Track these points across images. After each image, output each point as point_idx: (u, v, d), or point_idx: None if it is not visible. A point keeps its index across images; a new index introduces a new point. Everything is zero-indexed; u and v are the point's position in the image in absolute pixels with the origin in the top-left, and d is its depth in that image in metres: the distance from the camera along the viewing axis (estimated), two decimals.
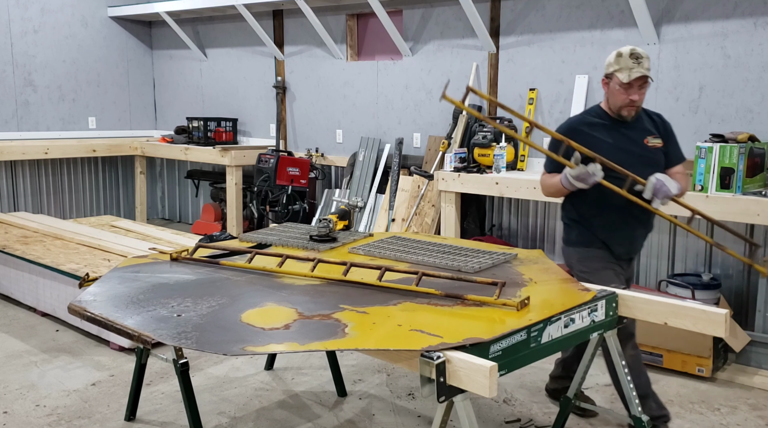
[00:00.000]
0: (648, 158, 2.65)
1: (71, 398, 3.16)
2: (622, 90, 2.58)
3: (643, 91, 2.59)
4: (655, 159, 2.67)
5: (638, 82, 2.57)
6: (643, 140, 2.66)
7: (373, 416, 3.01)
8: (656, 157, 2.68)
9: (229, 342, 1.80)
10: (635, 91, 2.57)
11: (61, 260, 3.97)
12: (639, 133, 2.68)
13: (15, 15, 6.29)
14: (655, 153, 2.68)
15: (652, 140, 2.67)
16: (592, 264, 2.71)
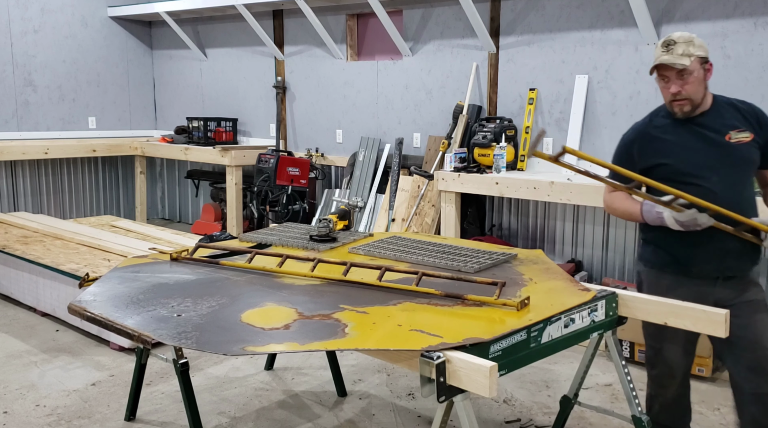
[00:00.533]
0: (734, 157, 2.22)
1: (71, 398, 3.16)
2: (662, 83, 2.24)
3: (685, 81, 2.19)
4: (744, 157, 2.23)
5: (671, 72, 2.20)
6: (725, 136, 2.22)
7: (373, 416, 3.01)
8: (745, 154, 2.24)
9: (229, 342, 1.80)
10: (673, 82, 2.20)
11: (61, 260, 3.97)
12: (718, 128, 2.24)
13: (15, 15, 6.29)
14: (743, 149, 2.23)
15: (736, 135, 2.22)
16: (659, 291, 2.31)
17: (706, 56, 2.23)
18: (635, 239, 4.31)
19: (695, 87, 2.20)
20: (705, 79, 2.24)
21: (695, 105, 2.23)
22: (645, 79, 4.12)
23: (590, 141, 4.40)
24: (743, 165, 2.24)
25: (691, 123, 2.27)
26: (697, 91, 2.21)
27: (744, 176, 2.26)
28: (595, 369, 3.28)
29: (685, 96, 2.21)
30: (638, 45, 4.13)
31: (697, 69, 2.20)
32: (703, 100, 2.25)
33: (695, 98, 2.22)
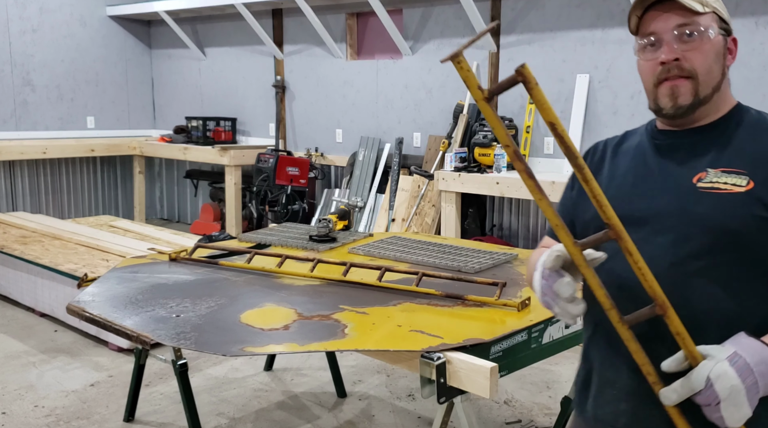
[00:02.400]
0: (697, 219, 1.14)
1: (70, 399, 3.14)
2: (646, 54, 1.21)
3: (690, 46, 1.16)
4: (720, 222, 1.12)
5: (667, 24, 1.16)
6: (693, 177, 1.17)
7: (372, 417, 3.00)
8: (722, 217, 1.12)
9: (228, 343, 1.79)
10: (667, 44, 1.17)
11: (59, 260, 3.96)
12: (704, 161, 1.18)
13: (13, 14, 6.28)
14: (717, 207, 1.13)
15: (715, 177, 1.15)
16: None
17: (728, 22, 1.21)
18: None
19: (707, 60, 1.16)
20: (724, 59, 1.20)
21: (699, 97, 1.17)
22: None
23: (591, 140, 4.38)
24: (718, 237, 1.12)
25: (670, 149, 1.23)
26: (710, 70, 1.16)
27: (719, 262, 1.12)
28: None
29: (686, 69, 1.16)
30: None
31: (715, 31, 1.17)
32: (713, 97, 1.18)
33: (703, 80, 1.16)
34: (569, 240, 1.02)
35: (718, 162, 1.17)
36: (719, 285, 1.12)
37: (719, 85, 1.19)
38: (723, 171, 1.15)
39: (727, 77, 1.22)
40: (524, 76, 0.90)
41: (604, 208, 1.00)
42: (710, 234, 1.12)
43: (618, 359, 1.21)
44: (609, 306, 1.04)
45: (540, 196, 1.00)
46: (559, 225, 1.01)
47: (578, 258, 1.03)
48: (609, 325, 1.09)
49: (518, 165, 0.99)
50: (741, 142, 1.18)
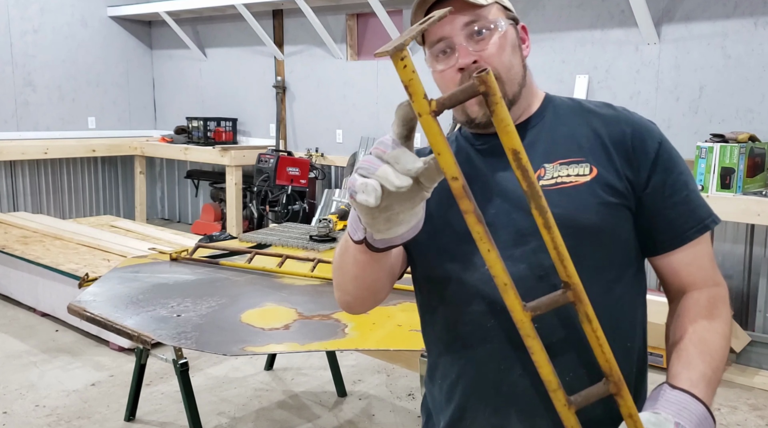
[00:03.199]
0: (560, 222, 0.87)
1: (71, 398, 3.15)
2: (439, 63, 1.06)
3: (485, 43, 1.03)
4: (570, 218, 0.99)
5: (455, 23, 1.02)
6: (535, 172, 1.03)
7: (372, 416, 3.00)
8: (573, 212, 1.00)
9: (228, 343, 1.79)
10: (460, 46, 1.02)
11: (60, 260, 3.97)
12: (537, 153, 1.07)
13: (14, 15, 6.29)
14: (567, 204, 1.01)
15: (557, 169, 1.04)
16: None
17: (512, 10, 1.11)
18: None
19: (505, 57, 1.05)
20: (521, 49, 1.11)
21: (509, 98, 1.06)
22: (645, 78, 4.12)
23: None
24: (578, 237, 0.98)
25: (492, 147, 1.09)
26: (510, 66, 1.06)
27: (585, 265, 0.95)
28: None
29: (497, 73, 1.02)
30: (638, 45, 4.13)
31: (505, 22, 1.05)
32: (522, 93, 1.08)
33: (507, 79, 1.05)
34: (519, 305, 0.80)
35: (553, 155, 1.05)
36: (597, 294, 0.96)
37: (524, 78, 1.08)
38: (561, 163, 1.04)
39: (528, 69, 1.11)
40: (488, 86, 0.71)
41: (565, 263, 0.80)
42: (569, 235, 0.88)
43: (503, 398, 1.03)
44: (555, 387, 0.82)
45: (489, 245, 0.77)
46: (508, 284, 0.79)
47: (527, 327, 0.81)
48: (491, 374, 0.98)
49: (466, 203, 0.75)
50: (568, 129, 1.07)
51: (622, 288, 1.04)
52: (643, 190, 1.03)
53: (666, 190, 1.03)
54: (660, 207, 1.03)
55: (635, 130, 1.04)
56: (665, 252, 1.05)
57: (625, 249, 1.04)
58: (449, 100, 0.73)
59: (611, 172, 1.02)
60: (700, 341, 0.99)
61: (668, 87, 4.03)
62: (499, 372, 1.03)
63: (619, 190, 1.01)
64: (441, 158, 0.74)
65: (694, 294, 1.04)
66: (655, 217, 1.03)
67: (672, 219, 1.03)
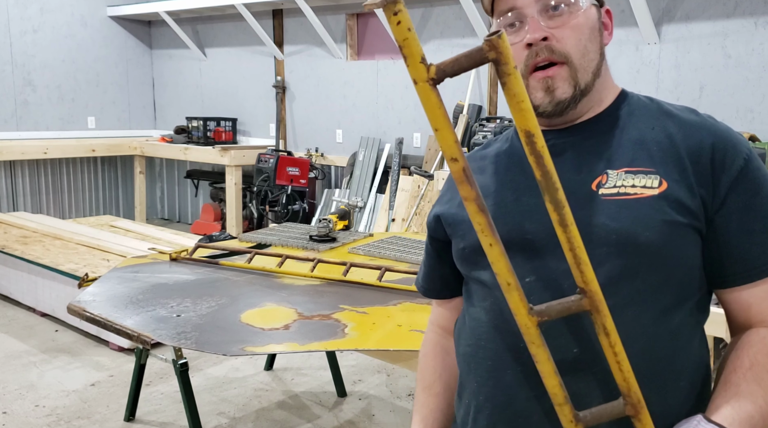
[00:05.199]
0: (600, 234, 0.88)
1: (70, 398, 3.15)
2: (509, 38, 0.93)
3: (559, 21, 0.92)
4: (629, 235, 0.87)
5: None
6: (592, 181, 0.92)
7: (372, 416, 3.00)
8: (633, 228, 0.87)
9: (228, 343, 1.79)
10: (531, 21, 0.92)
11: (60, 260, 3.96)
12: (595, 160, 0.94)
13: (14, 14, 6.29)
14: (627, 218, 0.88)
15: (620, 178, 0.91)
16: None
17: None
18: None
19: (581, 39, 0.93)
20: (601, 35, 0.97)
21: (580, 87, 0.93)
22: (646, 78, 4.11)
23: None
24: (634, 255, 0.88)
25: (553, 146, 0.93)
26: (586, 51, 0.93)
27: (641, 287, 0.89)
28: None
29: (558, 51, 0.92)
30: (639, 44, 4.12)
31: (587, 1, 0.94)
32: (595, 85, 0.95)
33: (580, 65, 0.93)
34: (523, 309, 0.72)
35: (619, 161, 0.92)
36: (644, 318, 0.87)
37: (599, 68, 0.95)
38: (627, 171, 0.91)
39: (605, 59, 0.98)
40: (501, 52, 0.60)
41: (582, 267, 0.71)
42: (624, 252, 0.86)
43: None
44: (562, 401, 0.76)
45: (492, 239, 0.69)
46: (512, 284, 0.71)
47: (532, 333, 0.73)
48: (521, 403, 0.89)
49: (467, 190, 0.66)
50: (640, 134, 0.94)
51: (681, 318, 0.90)
52: (717, 212, 0.89)
53: (745, 215, 0.88)
54: (734, 233, 0.89)
55: (718, 141, 0.90)
56: (735, 286, 0.91)
57: (689, 276, 0.90)
58: (451, 65, 0.63)
59: (683, 188, 0.88)
60: (755, 380, 0.85)
61: (668, 87, 4.03)
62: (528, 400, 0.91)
63: (690, 209, 0.88)
64: (439, 134, 0.64)
65: (762, 332, 0.90)
66: (728, 245, 0.89)
67: (747, 249, 0.89)
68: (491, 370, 0.94)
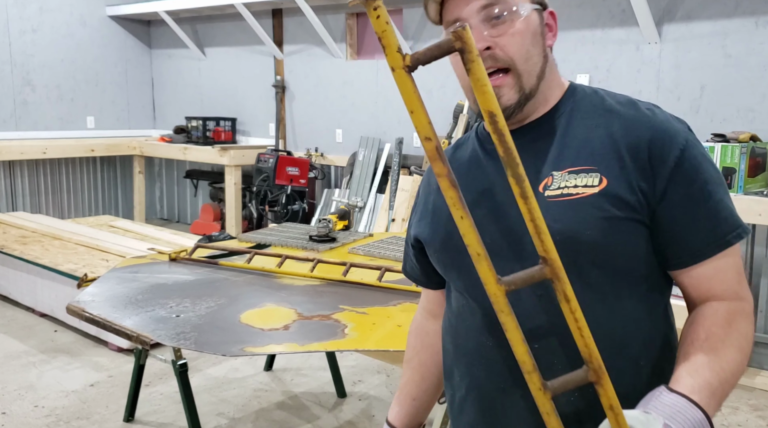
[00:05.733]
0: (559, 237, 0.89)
1: (70, 399, 3.14)
2: None
3: (501, 29, 0.97)
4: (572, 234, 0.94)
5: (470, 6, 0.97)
6: (540, 183, 0.98)
7: (372, 417, 3.00)
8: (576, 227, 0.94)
9: (228, 343, 1.78)
10: (475, 30, 0.96)
11: (59, 260, 3.96)
12: (537, 166, 1.00)
13: (13, 14, 6.28)
14: (569, 219, 0.94)
15: (564, 179, 0.97)
16: None
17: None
18: None
19: (523, 45, 0.97)
20: (544, 38, 1.01)
21: (525, 91, 0.98)
22: (646, 78, 4.11)
23: None
24: (578, 254, 0.94)
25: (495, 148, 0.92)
26: (528, 56, 0.97)
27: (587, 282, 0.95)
28: None
29: (501, 59, 0.97)
30: (639, 44, 4.12)
31: (527, 8, 0.98)
32: (540, 87, 1.00)
33: (524, 70, 0.97)
34: (492, 278, 0.77)
35: (563, 161, 0.97)
36: (599, 313, 0.94)
37: (542, 71, 0.99)
38: (570, 171, 0.96)
39: (550, 59, 1.02)
40: (464, 42, 0.67)
41: (542, 237, 0.77)
42: (571, 252, 0.92)
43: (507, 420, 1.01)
44: (531, 369, 0.80)
45: (463, 212, 0.75)
46: (482, 255, 0.76)
47: (500, 302, 0.78)
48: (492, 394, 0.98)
49: (439, 166, 0.73)
50: (583, 132, 0.98)
51: (632, 304, 0.97)
52: (659, 203, 0.94)
53: (685, 203, 0.94)
54: (677, 221, 0.94)
55: (654, 136, 0.95)
56: (682, 269, 0.97)
57: (635, 265, 0.96)
58: (424, 54, 0.71)
59: (623, 183, 0.93)
60: (711, 350, 0.91)
61: (669, 86, 4.03)
62: (502, 393, 1.01)
63: (630, 204, 0.93)
64: (414, 116, 0.72)
65: (714, 305, 0.96)
66: (673, 232, 0.95)
67: (689, 235, 0.94)
68: (468, 366, 1.05)
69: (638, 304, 0.98)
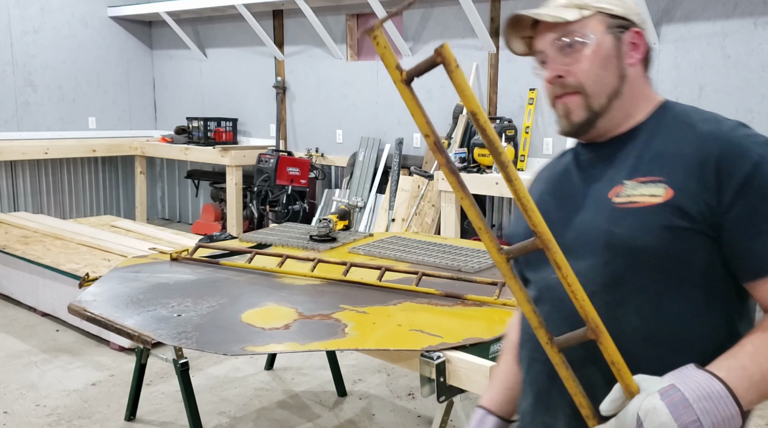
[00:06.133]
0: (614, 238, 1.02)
1: (71, 398, 3.15)
2: (539, 72, 1.13)
3: (572, 58, 1.06)
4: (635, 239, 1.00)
5: (545, 39, 1.08)
6: (609, 192, 1.05)
7: (373, 416, 3.01)
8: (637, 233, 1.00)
9: (229, 342, 1.80)
10: (550, 61, 1.09)
11: (61, 260, 3.97)
12: (612, 174, 1.07)
13: (15, 15, 6.29)
14: (633, 223, 1.00)
15: (632, 189, 1.03)
16: None
17: (625, 17, 1.08)
18: None
19: (591, 70, 1.06)
20: (621, 60, 1.07)
21: (593, 110, 1.07)
22: None
23: None
24: (637, 260, 1.00)
25: (596, 163, 1.11)
26: (597, 79, 1.06)
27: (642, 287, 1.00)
28: None
29: (570, 85, 1.07)
30: None
31: (599, 33, 1.06)
32: (612, 106, 1.07)
33: (593, 92, 1.06)
34: (494, 247, 0.88)
35: (635, 172, 1.04)
36: (649, 313, 0.99)
37: (616, 90, 1.07)
38: (640, 181, 1.02)
39: (632, 77, 1.08)
40: (444, 56, 0.82)
41: (530, 213, 0.86)
42: (628, 256, 0.99)
43: (554, 400, 1.09)
44: (537, 325, 0.91)
45: (462, 194, 0.87)
46: (483, 228, 0.87)
47: (503, 268, 0.89)
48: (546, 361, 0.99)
49: (439, 157, 0.87)
50: (661, 146, 1.04)
51: (687, 311, 1.00)
52: (724, 216, 0.96)
53: (752, 218, 0.95)
54: (742, 236, 0.96)
55: (725, 151, 0.98)
56: (749, 282, 0.99)
57: (694, 273, 0.99)
58: (416, 69, 0.83)
59: (687, 195, 0.97)
60: (761, 346, 0.93)
61: (668, 87, 4.04)
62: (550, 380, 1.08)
63: (692, 215, 0.97)
64: (415, 118, 0.84)
65: None
66: (737, 246, 0.97)
67: (755, 250, 0.96)
68: (529, 351, 1.14)
69: (694, 311, 1.00)
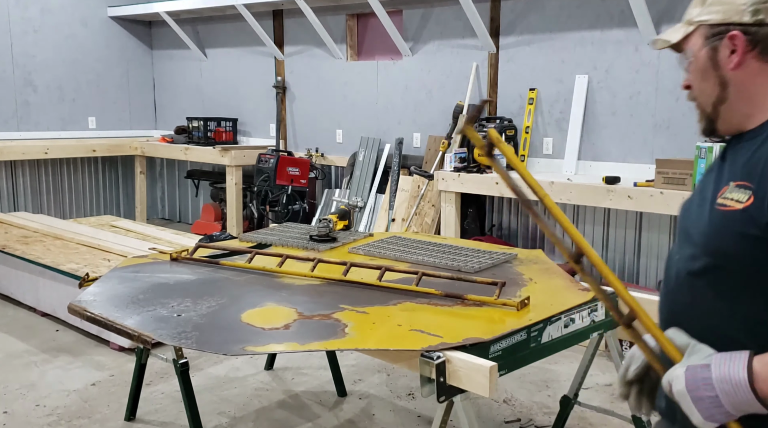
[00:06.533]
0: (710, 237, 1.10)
1: (71, 398, 3.16)
2: None
3: (689, 72, 1.20)
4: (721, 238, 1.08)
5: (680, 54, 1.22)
6: (718, 191, 1.12)
7: (373, 416, 3.01)
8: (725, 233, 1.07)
9: (229, 342, 1.80)
10: (684, 70, 1.22)
11: (61, 260, 3.97)
12: (726, 173, 1.14)
13: (15, 15, 6.29)
14: (717, 227, 1.09)
15: (729, 194, 1.09)
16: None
17: (724, 22, 1.11)
18: (635, 239, 4.31)
19: (696, 82, 1.17)
20: (721, 68, 1.13)
21: (707, 114, 1.17)
22: (645, 79, 4.12)
23: (590, 141, 4.40)
24: (716, 258, 1.09)
25: (726, 154, 1.20)
26: (701, 89, 1.16)
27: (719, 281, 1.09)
28: (595, 369, 3.28)
29: (691, 95, 1.21)
30: (638, 45, 4.13)
31: (697, 48, 1.15)
32: (720, 110, 1.15)
33: (701, 101, 1.18)
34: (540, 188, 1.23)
35: (739, 174, 1.08)
36: (724, 304, 1.08)
37: (720, 97, 1.14)
38: (737, 184, 1.07)
39: (737, 81, 1.12)
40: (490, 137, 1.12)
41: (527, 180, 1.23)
42: (710, 254, 1.09)
43: None
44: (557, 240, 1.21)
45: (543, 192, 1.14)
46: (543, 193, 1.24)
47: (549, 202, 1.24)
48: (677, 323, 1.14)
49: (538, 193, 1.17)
50: (764, 152, 1.06)
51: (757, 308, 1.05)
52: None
53: None
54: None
55: None
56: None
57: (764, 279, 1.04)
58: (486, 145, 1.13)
59: (763, 203, 1.01)
60: None
61: (668, 87, 4.04)
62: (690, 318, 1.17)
63: (761, 225, 1.01)
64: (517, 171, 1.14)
65: None
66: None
67: None
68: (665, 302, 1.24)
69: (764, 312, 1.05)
